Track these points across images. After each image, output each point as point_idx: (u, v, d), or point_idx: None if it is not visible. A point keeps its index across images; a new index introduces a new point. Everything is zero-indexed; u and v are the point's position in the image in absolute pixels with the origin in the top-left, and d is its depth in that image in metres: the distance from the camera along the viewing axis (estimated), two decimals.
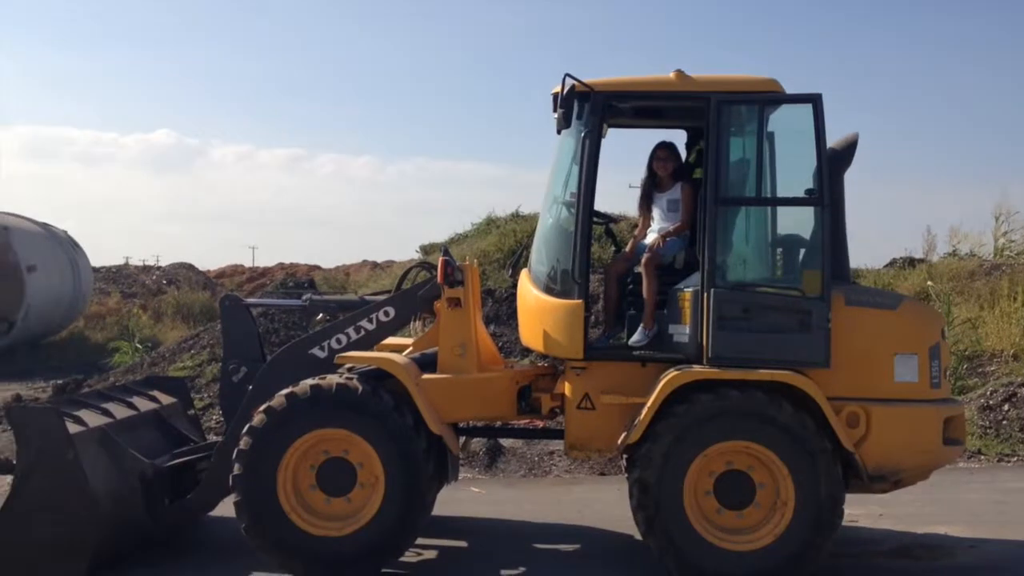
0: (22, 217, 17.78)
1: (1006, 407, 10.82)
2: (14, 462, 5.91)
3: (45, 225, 18.23)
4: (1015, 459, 9.88)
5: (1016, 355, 12.48)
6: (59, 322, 18.01)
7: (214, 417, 9.96)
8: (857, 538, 6.60)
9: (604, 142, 6.04)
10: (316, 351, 6.20)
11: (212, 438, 7.36)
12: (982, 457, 9.87)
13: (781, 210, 5.92)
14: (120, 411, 6.27)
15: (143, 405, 6.62)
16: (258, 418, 5.64)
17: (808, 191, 5.65)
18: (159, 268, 28.28)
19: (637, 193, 6.62)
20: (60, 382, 12.93)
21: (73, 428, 5.55)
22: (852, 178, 5.97)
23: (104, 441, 5.77)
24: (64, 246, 18.15)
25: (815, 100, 5.59)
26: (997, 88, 59.67)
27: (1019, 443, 10.26)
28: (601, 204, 6.28)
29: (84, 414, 5.88)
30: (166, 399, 6.94)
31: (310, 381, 5.71)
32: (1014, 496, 8.18)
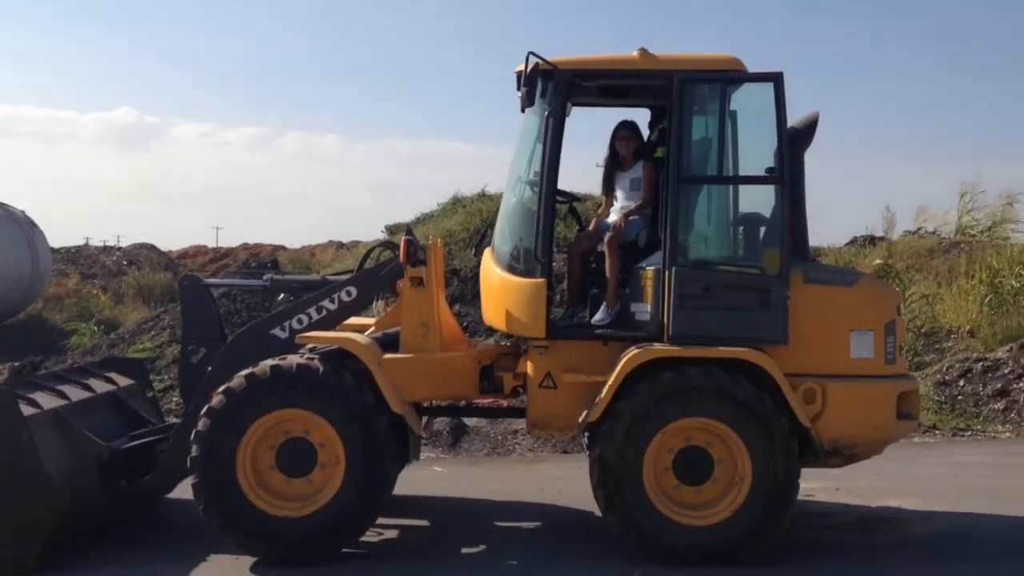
0: None
1: (961, 383, 11.04)
2: None
3: (2, 205, 17.86)
4: (969, 433, 10.10)
5: (972, 331, 12.72)
6: (17, 304, 17.68)
7: (175, 399, 9.86)
8: (813, 512, 6.71)
9: (568, 121, 6.03)
10: (277, 331, 6.14)
11: (172, 420, 7.27)
12: (937, 432, 10.06)
13: (742, 189, 5.98)
14: (76, 393, 6.18)
15: (100, 387, 6.52)
16: (217, 399, 5.58)
17: (768, 169, 5.68)
18: (120, 249, 27.87)
19: (601, 172, 6.62)
20: (17, 364, 12.70)
21: (27, 410, 5.46)
22: (813, 157, 6.03)
23: (59, 423, 5.68)
24: (22, 226, 17.80)
25: (776, 79, 5.61)
26: (964, 69, 60.38)
27: (974, 418, 10.48)
28: (565, 183, 6.29)
29: (39, 396, 5.78)
30: (124, 381, 6.85)
31: (270, 361, 5.66)
32: (968, 470, 8.36)
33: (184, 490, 5.91)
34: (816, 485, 7.10)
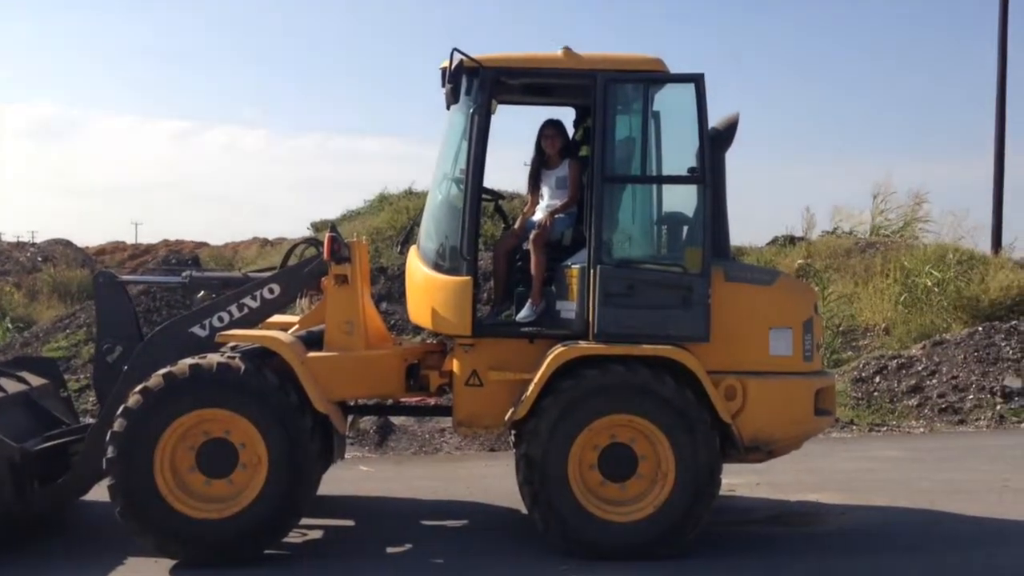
0: None
1: (877, 379, 11.38)
2: None
3: None
4: (885, 429, 10.41)
5: (888, 329, 13.14)
6: None
7: (90, 399, 9.58)
8: (734, 507, 6.84)
9: (495, 118, 6.03)
10: (197, 329, 6.00)
11: (87, 420, 7.07)
12: (854, 427, 10.36)
13: (665, 188, 6.06)
14: None
15: (11, 387, 6.30)
16: (133, 399, 5.44)
17: (690, 170, 5.76)
18: (34, 244, 26.97)
19: (527, 170, 6.64)
20: None
21: None
22: (734, 157, 6.14)
23: None
24: None
25: (697, 80, 5.70)
26: (881, 71, 62.24)
27: (889, 413, 10.82)
28: (491, 181, 6.28)
29: None
30: (36, 380, 6.64)
31: (189, 360, 5.54)
32: (884, 464, 8.62)
33: (100, 492, 5.74)
34: (737, 480, 7.24)
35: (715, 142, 5.87)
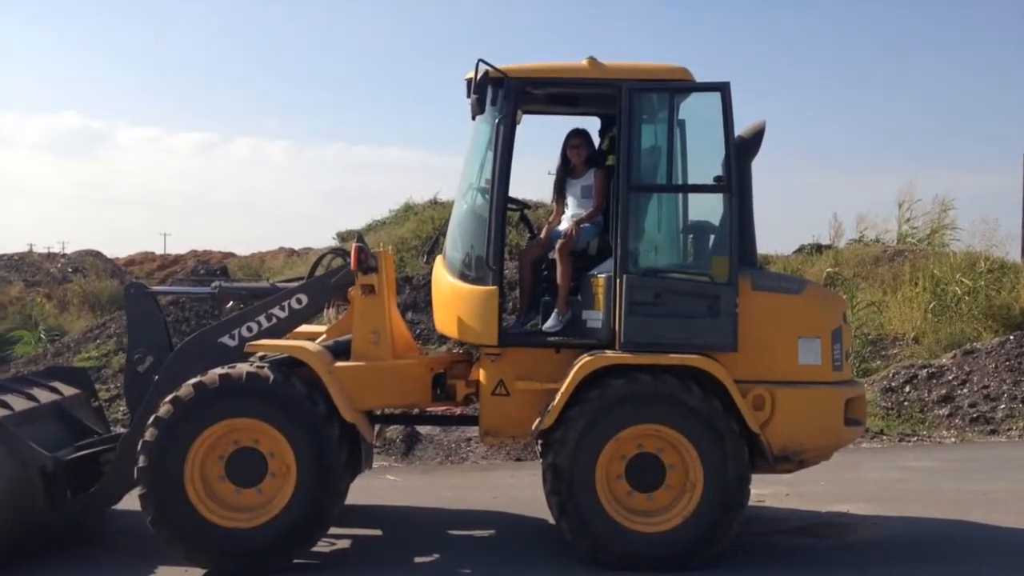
0: None
1: (907, 389, 11.27)
2: None
3: None
4: (915, 439, 10.30)
5: (917, 338, 13.00)
6: None
7: (121, 409, 9.70)
8: (764, 517, 6.79)
9: (520, 128, 6.05)
10: (226, 339, 6.06)
11: (118, 430, 7.14)
12: (884, 437, 10.25)
13: (691, 197, 6.03)
14: (19, 403, 6.04)
15: (44, 396, 6.39)
16: (164, 408, 5.49)
17: (716, 178, 5.75)
18: (64, 255, 27.27)
19: (553, 180, 6.65)
20: None
21: None
22: (761, 166, 6.12)
23: (2, 434, 5.54)
24: None
25: (723, 88, 5.69)
26: (907, 78, 61.79)
27: (919, 423, 10.70)
28: (517, 190, 6.31)
29: None
30: (68, 390, 6.71)
31: (219, 370, 5.59)
32: (914, 474, 8.52)
33: (131, 501, 5.80)
34: (766, 491, 7.19)
35: (741, 150, 5.85)
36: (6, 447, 5.52)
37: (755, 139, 6.03)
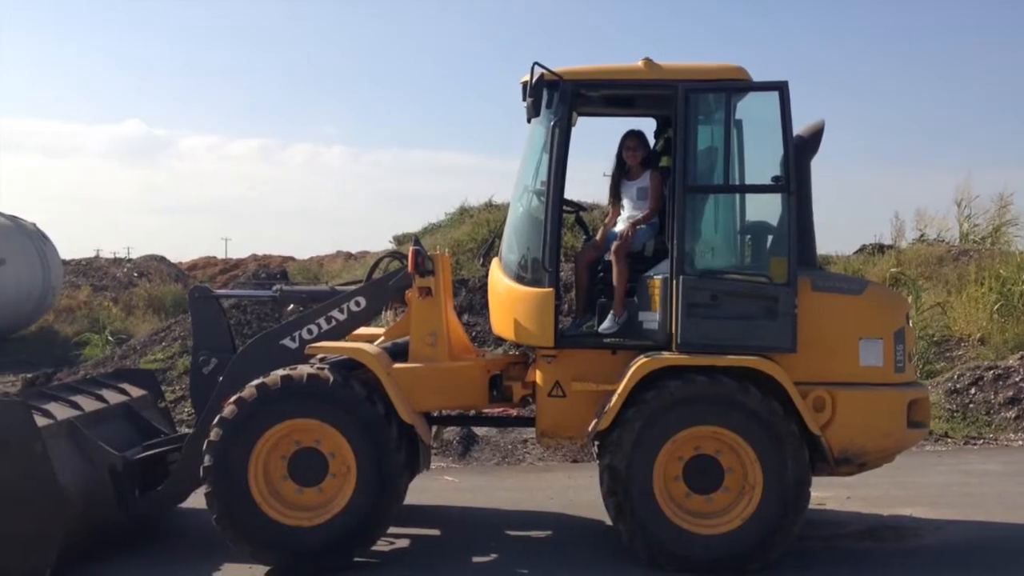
0: None
1: (972, 391, 11.00)
2: None
3: (13, 218, 17.98)
4: (981, 442, 10.06)
5: (983, 339, 12.68)
6: (29, 316, 17.78)
7: (186, 409, 9.92)
8: (824, 521, 6.70)
9: (575, 130, 6.06)
10: (287, 342, 6.18)
11: (184, 430, 7.32)
12: (949, 440, 10.03)
13: (749, 197, 5.99)
14: (89, 404, 6.23)
15: (112, 398, 6.58)
16: (228, 409, 5.62)
17: (775, 178, 5.70)
18: (130, 261, 27.96)
19: (608, 181, 6.65)
20: (29, 376, 12.79)
21: (41, 421, 5.50)
22: (820, 165, 6.05)
23: (73, 434, 5.73)
24: (33, 239, 17.91)
25: (781, 88, 5.64)
26: (961, 73, 60.29)
27: (985, 426, 10.44)
28: (572, 192, 6.32)
29: (53, 407, 5.83)
30: (136, 391, 6.90)
31: (281, 372, 5.70)
32: (979, 478, 8.32)
33: (197, 500, 5.94)
34: (828, 494, 7.10)
35: (800, 150, 5.79)
36: (76, 446, 5.70)
37: (814, 138, 5.96)
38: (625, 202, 6.44)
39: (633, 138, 6.40)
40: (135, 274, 24.79)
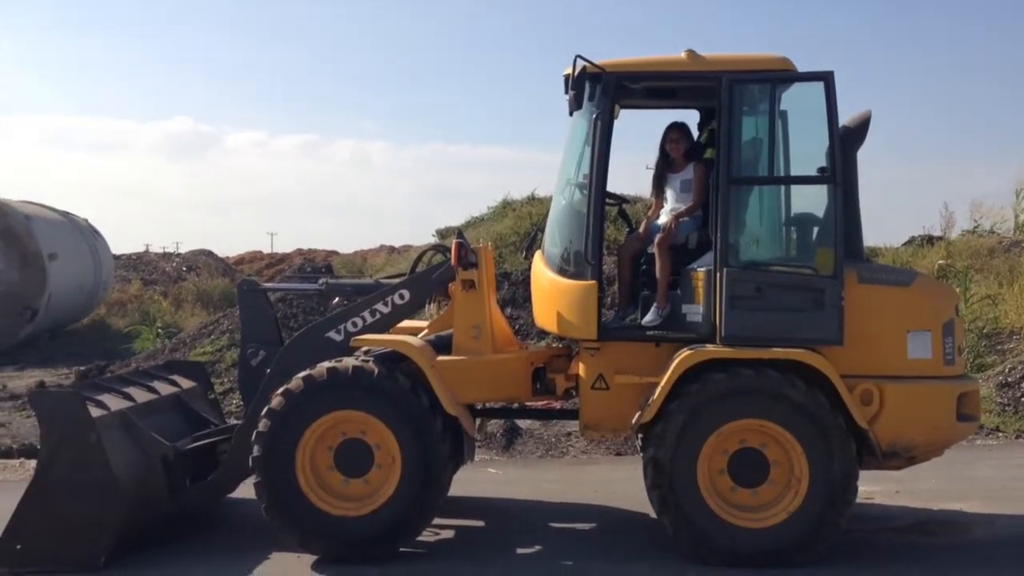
0: (42, 206, 17.94)
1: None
2: (38, 447, 6.01)
3: (65, 213, 18.40)
4: None
5: None
6: (81, 309, 18.20)
7: (234, 401, 10.07)
8: (872, 515, 6.63)
9: (617, 123, 6.05)
10: (332, 334, 6.26)
11: (233, 421, 7.44)
12: (1000, 434, 9.85)
13: (794, 189, 5.95)
14: (141, 395, 6.36)
15: (164, 389, 6.71)
16: (276, 401, 5.71)
17: (820, 169, 5.64)
18: (179, 255, 28.45)
19: (651, 174, 6.63)
20: (82, 368, 13.09)
21: (95, 412, 5.65)
22: (867, 156, 5.97)
23: (126, 424, 5.86)
24: (85, 234, 18.32)
25: (827, 78, 5.57)
26: (1016, 62, 58.86)
27: None
28: (614, 185, 6.30)
29: (106, 398, 5.97)
30: (186, 383, 7.04)
31: (327, 364, 5.77)
32: None
33: (247, 489, 6.05)
34: (876, 487, 7.02)
35: (846, 140, 5.72)
36: (129, 436, 5.83)
37: (860, 128, 5.88)
38: (668, 194, 6.41)
39: (676, 130, 6.37)
40: (184, 268, 25.22)
